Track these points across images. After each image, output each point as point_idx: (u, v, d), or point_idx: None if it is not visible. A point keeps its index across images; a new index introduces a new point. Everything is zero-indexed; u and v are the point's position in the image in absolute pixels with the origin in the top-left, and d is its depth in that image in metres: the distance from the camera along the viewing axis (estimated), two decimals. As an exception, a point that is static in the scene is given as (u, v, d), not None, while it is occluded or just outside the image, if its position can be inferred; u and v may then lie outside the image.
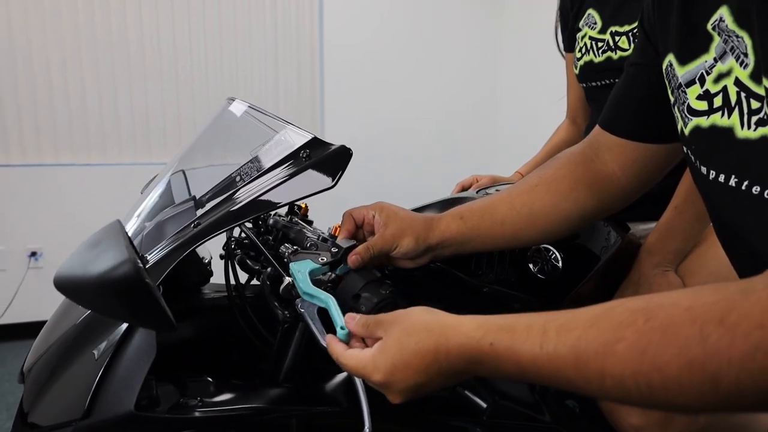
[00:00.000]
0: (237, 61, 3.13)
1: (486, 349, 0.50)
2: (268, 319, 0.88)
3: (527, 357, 0.47)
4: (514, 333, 0.49)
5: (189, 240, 0.69)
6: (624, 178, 0.77)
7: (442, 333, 0.53)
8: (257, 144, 0.84)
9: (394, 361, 0.55)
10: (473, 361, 0.52)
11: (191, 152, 0.91)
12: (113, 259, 0.43)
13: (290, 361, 0.81)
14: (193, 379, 0.74)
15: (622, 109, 0.75)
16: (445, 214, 0.78)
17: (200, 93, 3.09)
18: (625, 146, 0.75)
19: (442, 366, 0.53)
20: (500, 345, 0.49)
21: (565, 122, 1.44)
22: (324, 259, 0.72)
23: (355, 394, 0.80)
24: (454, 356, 0.52)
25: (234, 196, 0.73)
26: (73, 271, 0.46)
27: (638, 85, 0.72)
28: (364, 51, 3.36)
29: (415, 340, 0.54)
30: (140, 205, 0.88)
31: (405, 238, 0.75)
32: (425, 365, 0.54)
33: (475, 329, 0.52)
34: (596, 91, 1.20)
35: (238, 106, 0.88)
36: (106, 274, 0.42)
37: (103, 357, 0.65)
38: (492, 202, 0.78)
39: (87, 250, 0.48)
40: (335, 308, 0.64)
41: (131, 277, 0.42)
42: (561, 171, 0.78)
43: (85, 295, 0.45)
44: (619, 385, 0.43)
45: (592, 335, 0.45)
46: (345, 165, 0.72)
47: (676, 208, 0.99)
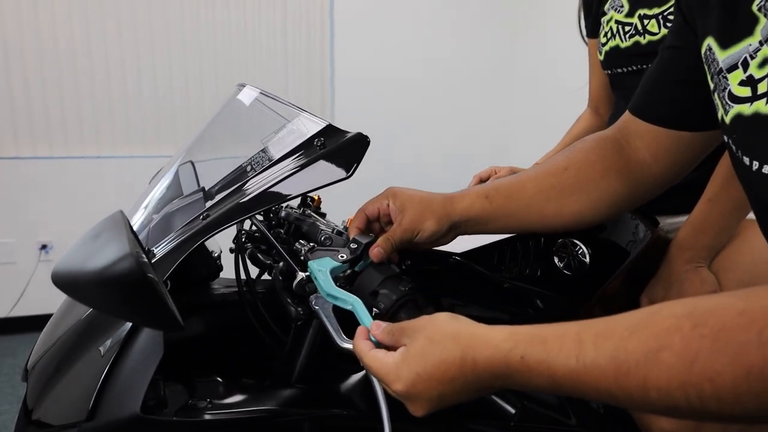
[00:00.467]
0: (246, 53, 3.09)
1: (516, 362, 0.47)
2: (279, 315, 0.84)
3: (562, 370, 0.44)
4: (547, 344, 0.45)
5: (198, 232, 0.65)
6: (656, 167, 0.72)
7: (469, 343, 0.50)
8: (269, 132, 0.80)
9: (418, 371, 0.52)
10: (501, 375, 0.48)
11: (200, 142, 0.88)
12: (114, 253, 0.39)
13: (303, 360, 0.77)
14: (202, 379, 0.70)
15: (655, 95, 0.70)
16: (469, 191, 0.74)
17: (210, 85, 3.05)
18: (658, 134, 0.70)
19: (468, 378, 0.50)
20: (532, 358, 0.46)
21: (586, 112, 1.39)
22: (344, 256, 0.68)
23: (372, 395, 0.77)
24: (481, 369, 0.49)
25: (244, 187, 0.69)
26: (72, 265, 0.42)
27: (674, 69, 0.67)
28: (376, 46, 3.31)
29: (439, 349, 0.51)
30: (147, 196, 0.84)
31: (426, 222, 0.70)
32: (450, 377, 0.51)
33: (503, 340, 0.48)
34: (622, 77, 1.15)
35: (249, 92, 0.84)
36: (107, 269, 0.39)
37: (109, 355, 0.61)
38: (519, 182, 0.74)
39: (87, 242, 0.44)
40: (363, 311, 0.61)
41: (133, 272, 0.38)
42: (591, 156, 0.73)
43: (84, 291, 0.41)
44: (666, 397, 0.39)
45: (633, 344, 0.41)
46: (362, 154, 0.68)
47: (709, 201, 0.94)
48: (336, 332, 0.64)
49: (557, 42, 3.04)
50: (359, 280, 0.69)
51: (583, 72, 1.42)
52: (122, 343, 0.61)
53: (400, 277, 0.68)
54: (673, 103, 0.68)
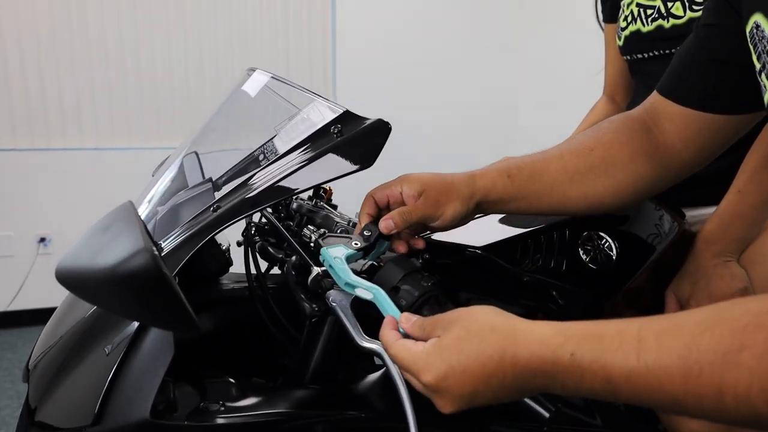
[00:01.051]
0: (247, 43, 3.04)
1: (565, 361, 0.42)
2: (292, 311, 0.81)
3: (620, 370, 0.40)
4: (603, 341, 0.41)
5: (208, 226, 0.61)
6: (685, 151, 0.68)
7: (511, 336, 0.46)
8: (281, 119, 0.75)
9: (451, 363, 0.47)
10: (545, 375, 0.44)
11: (207, 130, 0.83)
12: (126, 248, 0.35)
13: (318, 359, 0.74)
14: (213, 379, 0.66)
15: (689, 75, 0.67)
16: (490, 169, 0.69)
17: (210, 73, 3.00)
18: (690, 116, 0.66)
19: (507, 376, 0.46)
20: (584, 356, 0.41)
21: (602, 100, 1.35)
22: (358, 243, 0.64)
23: (392, 395, 0.73)
24: (522, 366, 0.45)
25: (257, 178, 0.65)
26: (79, 261, 0.38)
27: (711, 48, 0.63)
28: (378, 37, 3.25)
29: (477, 341, 0.47)
30: (152, 188, 0.80)
31: (450, 204, 0.66)
32: (486, 373, 0.46)
33: (551, 336, 0.44)
34: (643, 63, 1.11)
35: (260, 77, 0.80)
36: (119, 265, 0.35)
37: (115, 355, 0.57)
38: (543, 161, 0.70)
39: (95, 236, 0.40)
40: (387, 301, 0.57)
41: (148, 268, 0.34)
42: (619, 137, 0.69)
43: (93, 290, 0.37)
44: (745, 404, 0.36)
45: (706, 343, 0.37)
46: (383, 141, 0.63)
47: (739, 192, 0.90)
48: (355, 330, 0.61)
49: (565, 31, 2.99)
50: (379, 274, 0.65)
51: (591, 61, 1.38)
52: (130, 342, 0.57)
53: (421, 272, 0.65)
54: (708, 85, 0.65)
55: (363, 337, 0.60)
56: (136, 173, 2.26)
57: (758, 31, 0.51)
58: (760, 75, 0.53)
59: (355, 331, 0.61)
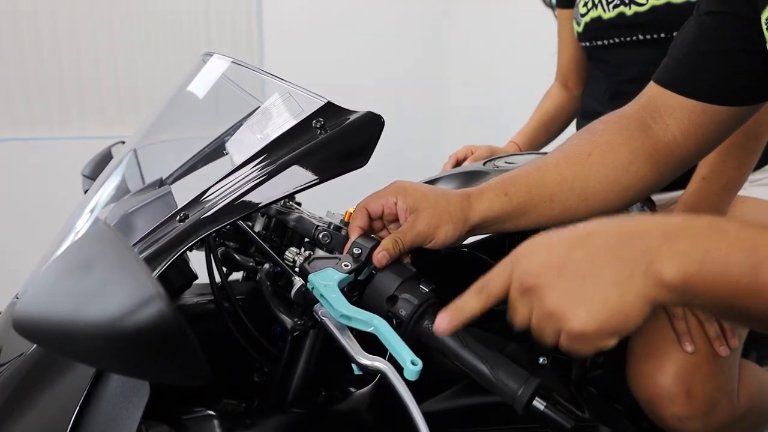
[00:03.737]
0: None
1: (699, 223, 0.39)
2: (261, 322, 0.73)
3: None
4: (751, 223, 0.39)
5: (178, 238, 0.53)
6: (684, 146, 0.67)
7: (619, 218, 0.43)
8: (247, 110, 0.67)
9: (539, 238, 0.45)
10: (664, 236, 0.40)
11: (159, 124, 0.73)
12: (132, 294, 0.27)
13: (300, 378, 0.67)
14: (190, 415, 0.58)
15: (692, 66, 0.64)
16: (485, 188, 0.65)
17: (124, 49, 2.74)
18: (693, 108, 0.65)
19: (609, 236, 0.41)
20: (724, 223, 0.39)
21: (554, 87, 1.34)
22: (348, 264, 0.58)
23: (384, 412, 0.68)
24: (632, 226, 0.41)
25: (232, 181, 0.57)
26: (54, 310, 0.29)
27: (717, 38, 0.62)
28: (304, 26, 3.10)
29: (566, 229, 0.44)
30: (95, 191, 0.69)
31: (442, 227, 0.61)
32: (584, 232, 0.43)
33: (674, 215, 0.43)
34: (602, 50, 1.10)
35: (219, 62, 0.71)
36: (123, 318, 0.26)
37: (73, 398, 0.48)
38: (539, 174, 0.66)
39: (71, 275, 0.31)
40: (390, 332, 0.51)
41: (164, 321, 0.26)
42: (616, 138, 0.67)
43: (79, 346, 0.29)
44: None
45: None
46: (377, 136, 0.57)
47: (703, 179, 0.92)
48: (352, 346, 0.55)
49: (498, 16, 3.01)
50: (372, 285, 0.59)
51: (526, 47, 1.36)
52: (91, 381, 0.48)
53: (418, 277, 0.60)
54: (714, 75, 0.63)
55: (362, 354, 0.54)
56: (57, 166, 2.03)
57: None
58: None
59: (352, 347, 0.55)
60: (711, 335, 0.80)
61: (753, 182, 0.99)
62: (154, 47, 2.79)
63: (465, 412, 0.69)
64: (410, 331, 0.55)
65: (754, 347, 1.06)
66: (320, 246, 0.64)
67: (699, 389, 0.78)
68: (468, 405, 0.69)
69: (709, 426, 0.80)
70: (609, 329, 0.41)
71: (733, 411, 0.82)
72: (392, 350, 0.50)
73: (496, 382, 0.53)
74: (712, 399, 0.79)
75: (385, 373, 0.52)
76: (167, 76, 2.75)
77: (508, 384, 0.52)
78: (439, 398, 0.69)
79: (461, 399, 0.69)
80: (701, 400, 0.78)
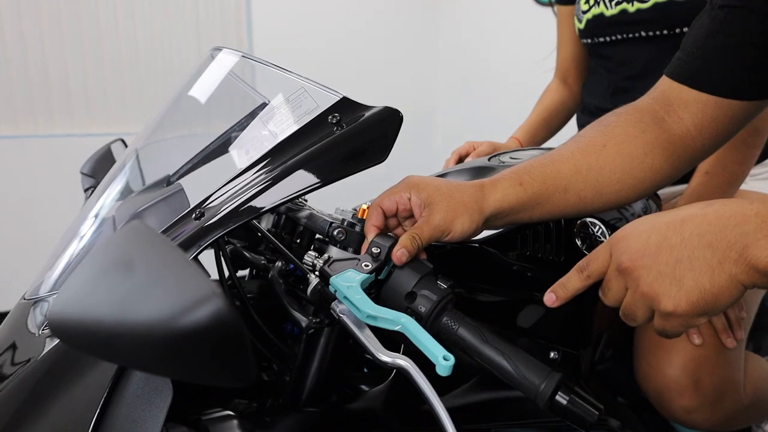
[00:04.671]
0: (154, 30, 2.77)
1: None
2: (268, 317, 0.72)
3: None
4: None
5: (196, 236, 0.52)
6: (699, 139, 0.67)
7: (720, 201, 0.45)
8: (257, 107, 0.66)
9: (637, 223, 0.48)
10: (764, 221, 0.41)
11: (167, 121, 0.72)
12: (186, 293, 0.26)
13: (314, 377, 0.66)
14: (209, 415, 0.57)
15: (706, 60, 0.65)
16: (499, 179, 0.65)
17: (115, 49, 2.71)
18: (707, 102, 0.65)
19: (706, 221, 0.43)
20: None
21: (554, 82, 1.35)
22: (368, 265, 0.57)
23: (399, 409, 0.68)
24: (732, 210, 0.43)
25: (249, 178, 0.56)
26: (98, 312, 0.28)
27: (732, 31, 0.62)
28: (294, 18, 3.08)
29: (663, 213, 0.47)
30: (104, 189, 0.68)
31: (458, 219, 0.61)
32: (680, 218, 0.45)
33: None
34: (604, 47, 1.11)
35: (228, 57, 0.70)
36: (179, 317, 0.25)
37: (94, 400, 0.47)
38: (553, 164, 0.66)
39: (112, 276, 0.30)
40: (419, 330, 0.50)
41: (223, 320, 0.25)
42: (631, 130, 0.67)
43: (126, 349, 0.28)
44: None
45: None
46: (396, 132, 0.57)
47: (707, 173, 0.93)
48: (373, 344, 0.54)
49: (489, 12, 3.01)
50: (390, 282, 0.59)
51: (515, 45, 1.36)
52: (111, 381, 0.47)
53: (436, 273, 0.59)
54: (728, 69, 0.63)
55: (383, 352, 0.54)
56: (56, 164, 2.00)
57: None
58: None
59: (372, 345, 0.54)
60: (718, 327, 0.81)
61: (754, 176, 1.00)
62: (142, 45, 2.76)
63: (479, 408, 0.69)
64: (430, 327, 0.55)
65: (752, 339, 1.07)
66: (334, 243, 0.63)
67: (707, 381, 0.79)
68: (482, 401, 0.69)
69: (716, 417, 0.81)
70: (699, 310, 0.44)
71: (739, 402, 0.83)
72: (422, 347, 0.50)
73: (518, 377, 0.53)
74: (719, 390, 0.80)
75: (408, 369, 0.52)
76: (157, 73, 2.73)
77: (530, 379, 0.52)
78: (453, 394, 0.69)
79: (476, 395, 0.69)
80: (709, 391, 0.79)
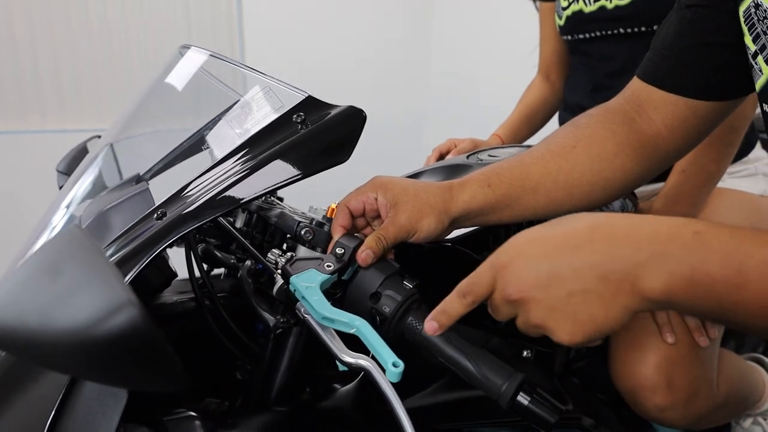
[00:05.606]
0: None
1: (686, 237, 0.39)
2: (240, 316, 0.72)
3: (759, 260, 0.37)
4: (739, 233, 0.39)
5: (156, 237, 0.52)
6: (670, 140, 0.67)
7: (605, 215, 0.44)
8: (227, 104, 0.66)
9: (519, 239, 0.46)
10: (652, 250, 0.40)
11: (134, 119, 0.71)
12: (101, 301, 0.26)
13: (283, 376, 0.66)
14: (171, 416, 0.57)
15: (675, 60, 0.64)
16: (468, 180, 0.64)
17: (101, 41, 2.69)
18: (677, 103, 0.65)
19: (596, 246, 0.41)
20: (714, 238, 0.39)
21: (537, 79, 1.34)
22: (330, 265, 0.57)
23: (368, 408, 0.68)
24: (622, 237, 0.41)
25: (211, 177, 0.56)
26: (21, 317, 0.28)
27: (699, 31, 0.62)
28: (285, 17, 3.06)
29: (558, 223, 0.45)
30: (70, 188, 0.67)
31: (424, 220, 0.60)
32: (571, 243, 0.42)
33: (666, 218, 0.42)
34: (583, 44, 1.10)
35: (196, 56, 0.69)
36: (94, 326, 0.25)
37: (48, 403, 0.46)
38: (522, 166, 0.65)
39: (39, 280, 0.30)
40: (373, 335, 0.50)
41: (136, 328, 0.25)
42: (600, 131, 0.66)
43: (48, 354, 0.28)
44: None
45: None
46: (359, 131, 0.56)
47: (683, 172, 0.93)
48: (336, 344, 0.54)
49: (480, 8, 3.00)
50: (355, 282, 0.58)
51: (507, 40, 1.35)
52: (65, 387, 0.47)
53: (402, 273, 0.59)
54: (696, 69, 0.63)
55: (346, 352, 0.53)
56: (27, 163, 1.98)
57: (758, 11, 0.49)
58: (755, 58, 0.51)
59: (335, 345, 0.54)
60: (691, 326, 0.81)
61: (731, 174, 1.00)
62: (135, 40, 2.74)
63: (450, 407, 0.69)
64: (394, 328, 0.55)
65: (732, 336, 1.08)
66: (302, 242, 0.63)
67: (680, 379, 0.79)
68: (453, 400, 0.69)
69: (690, 415, 0.81)
70: (593, 338, 0.44)
71: (713, 400, 0.83)
72: (374, 351, 0.50)
73: (481, 377, 0.52)
74: (692, 389, 0.80)
75: (369, 370, 0.52)
76: (146, 71, 2.71)
77: (492, 379, 0.52)
78: (423, 394, 0.69)
79: (446, 394, 0.69)
80: (682, 390, 0.79)
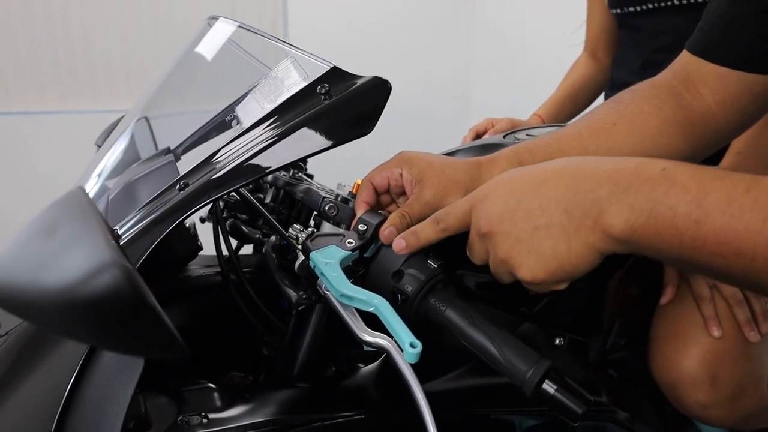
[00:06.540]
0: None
1: (651, 172, 0.40)
2: (269, 295, 0.72)
3: (719, 197, 0.37)
4: (704, 171, 0.39)
5: (177, 207, 0.51)
6: (722, 118, 0.62)
7: (578, 158, 0.46)
8: (252, 76, 0.64)
9: (493, 182, 0.49)
10: (615, 186, 0.41)
11: (163, 91, 0.71)
12: (87, 262, 0.25)
13: (305, 352, 0.65)
14: (190, 387, 0.57)
15: (726, 31, 0.59)
16: (498, 157, 0.61)
17: (147, 23, 2.75)
18: (729, 77, 0.60)
19: (561, 185, 0.43)
20: (680, 174, 0.39)
21: (583, 56, 1.28)
22: (352, 242, 0.55)
23: (391, 387, 0.66)
24: (586, 174, 0.43)
25: (233, 148, 0.55)
26: (15, 276, 0.28)
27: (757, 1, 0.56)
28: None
29: (528, 166, 0.48)
30: (99, 161, 0.68)
31: (450, 197, 0.57)
32: (537, 180, 0.45)
33: (637, 158, 0.42)
34: (633, 17, 1.04)
35: (224, 26, 0.68)
36: (77, 286, 0.25)
37: (67, 372, 0.47)
38: (558, 143, 0.61)
39: (35, 240, 0.29)
40: (391, 313, 0.48)
41: (120, 290, 0.25)
42: (644, 107, 0.62)
43: (38, 313, 0.27)
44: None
45: None
46: (383, 103, 0.54)
47: (739, 154, 0.86)
48: (355, 322, 0.53)
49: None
50: (377, 260, 0.56)
51: (553, 16, 1.30)
52: (86, 351, 0.47)
53: (427, 252, 0.57)
54: (751, 41, 0.57)
55: (365, 331, 0.52)
56: (71, 142, 2.05)
57: None
58: None
59: (355, 323, 0.53)
60: (740, 320, 0.76)
61: (793, 159, 0.93)
62: (180, 21, 2.78)
63: (475, 392, 0.67)
64: (416, 308, 0.53)
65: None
66: (327, 219, 0.61)
67: (725, 376, 0.75)
68: (478, 385, 0.67)
69: (735, 414, 0.76)
70: (558, 278, 0.44)
71: (761, 400, 0.78)
72: (392, 331, 0.48)
73: (505, 362, 0.50)
74: (739, 386, 0.75)
75: (388, 350, 0.50)
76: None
77: (516, 365, 0.49)
78: (447, 377, 0.67)
79: (471, 379, 0.67)
80: (727, 387, 0.75)
